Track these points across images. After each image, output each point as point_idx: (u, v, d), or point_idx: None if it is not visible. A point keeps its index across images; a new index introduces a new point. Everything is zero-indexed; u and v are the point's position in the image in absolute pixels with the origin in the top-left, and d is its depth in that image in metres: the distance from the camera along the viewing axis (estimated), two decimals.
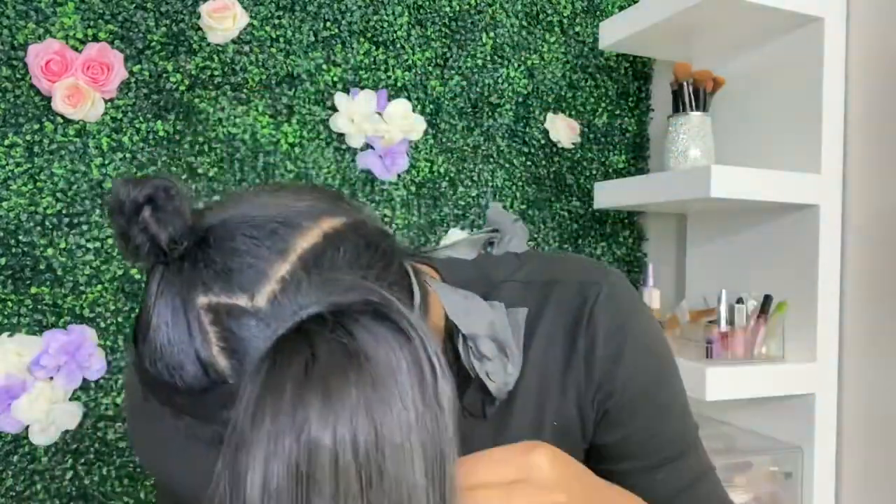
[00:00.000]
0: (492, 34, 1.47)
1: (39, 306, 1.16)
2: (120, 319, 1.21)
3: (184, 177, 1.24)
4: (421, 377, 0.34)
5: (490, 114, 1.47)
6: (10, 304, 1.15)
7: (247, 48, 1.29)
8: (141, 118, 1.22)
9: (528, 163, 1.51)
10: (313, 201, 0.41)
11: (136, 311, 1.22)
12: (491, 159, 1.47)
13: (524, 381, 0.55)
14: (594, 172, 1.57)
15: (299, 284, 0.36)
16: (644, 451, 0.57)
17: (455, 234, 1.43)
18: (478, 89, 1.46)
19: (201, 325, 0.36)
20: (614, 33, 1.38)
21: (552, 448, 0.43)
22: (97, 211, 1.19)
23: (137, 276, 1.21)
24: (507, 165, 1.49)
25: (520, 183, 1.50)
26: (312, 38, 1.33)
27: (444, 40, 1.43)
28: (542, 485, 0.41)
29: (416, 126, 1.39)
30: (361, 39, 1.37)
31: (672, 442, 0.58)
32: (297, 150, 1.32)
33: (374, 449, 0.32)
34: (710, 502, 0.59)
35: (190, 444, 0.37)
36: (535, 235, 1.52)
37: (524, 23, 1.50)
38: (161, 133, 1.23)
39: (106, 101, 1.20)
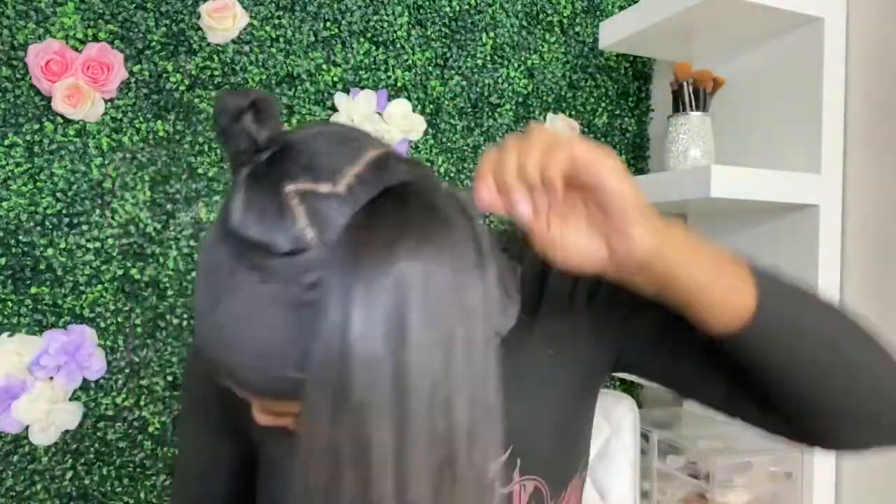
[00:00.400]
0: (492, 34, 1.47)
1: (39, 306, 1.16)
2: (120, 319, 1.21)
3: (184, 177, 1.25)
4: (479, 250, 0.41)
5: (490, 114, 1.47)
6: (10, 304, 1.15)
7: (247, 48, 1.29)
8: (141, 118, 1.22)
9: None
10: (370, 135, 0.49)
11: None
12: None
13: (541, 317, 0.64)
14: None
15: (371, 178, 0.43)
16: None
17: None
18: (478, 89, 1.46)
19: (290, 205, 0.42)
20: (614, 33, 1.38)
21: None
22: (97, 211, 1.19)
23: (137, 277, 1.21)
24: None
25: None
26: (312, 38, 1.33)
27: (444, 40, 1.43)
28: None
29: (416, 126, 1.39)
30: (361, 39, 1.37)
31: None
32: None
33: (450, 289, 0.39)
34: None
35: (273, 308, 0.41)
36: None
37: (524, 23, 1.50)
38: (161, 133, 1.23)
39: (106, 101, 1.20)
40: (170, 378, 1.24)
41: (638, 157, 1.61)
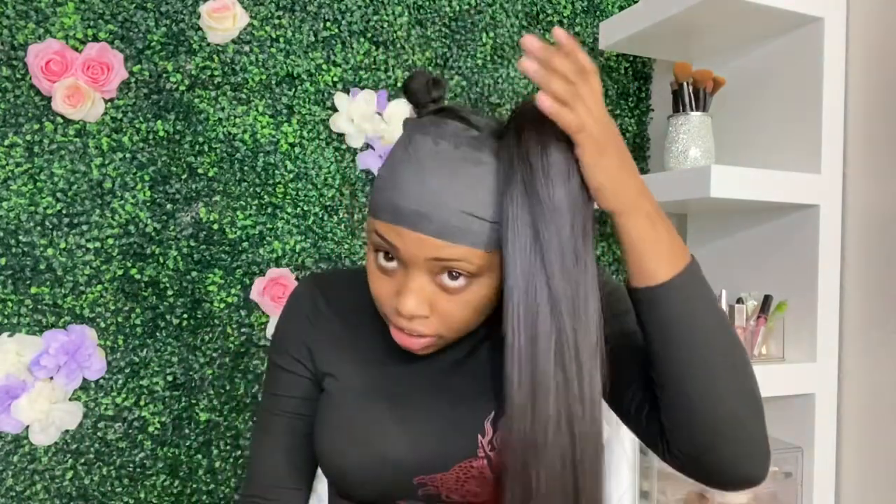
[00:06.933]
0: (492, 34, 1.47)
1: (39, 306, 1.16)
2: (120, 319, 1.21)
3: (184, 177, 1.25)
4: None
5: (490, 114, 1.47)
6: (10, 304, 1.15)
7: (247, 48, 1.29)
8: (141, 118, 1.22)
9: None
10: None
11: (135, 309, 1.22)
12: None
13: None
14: None
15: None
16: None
17: None
18: (478, 89, 1.46)
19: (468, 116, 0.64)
20: (614, 33, 1.38)
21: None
22: (97, 211, 1.19)
23: (137, 276, 1.21)
24: None
25: None
26: (312, 38, 1.33)
27: (444, 40, 1.43)
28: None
29: None
30: (361, 39, 1.37)
31: None
32: (297, 150, 1.32)
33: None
34: None
35: (462, 164, 0.60)
36: None
37: (524, 23, 1.50)
38: (161, 133, 1.23)
39: (106, 101, 1.20)
40: (170, 378, 1.24)
41: (638, 157, 1.61)
